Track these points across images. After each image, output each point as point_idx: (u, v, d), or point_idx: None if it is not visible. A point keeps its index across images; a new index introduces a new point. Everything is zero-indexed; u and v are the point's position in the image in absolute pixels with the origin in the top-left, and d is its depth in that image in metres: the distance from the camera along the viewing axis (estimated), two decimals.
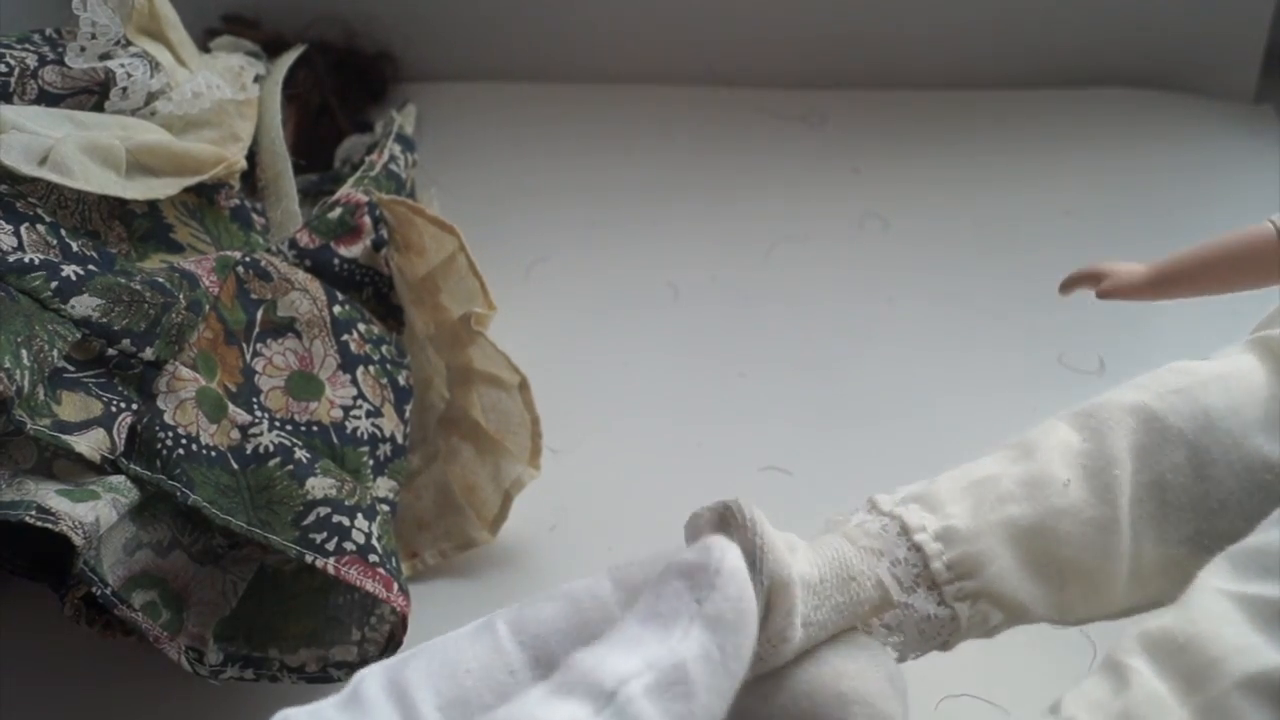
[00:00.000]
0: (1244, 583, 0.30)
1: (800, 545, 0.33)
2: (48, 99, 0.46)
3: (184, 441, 0.42)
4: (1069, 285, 0.43)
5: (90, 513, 0.38)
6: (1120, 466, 0.34)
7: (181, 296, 0.43)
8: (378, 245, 0.51)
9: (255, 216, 0.52)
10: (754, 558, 0.30)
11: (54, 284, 0.40)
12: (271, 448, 0.43)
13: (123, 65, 0.48)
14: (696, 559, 0.27)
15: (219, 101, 0.51)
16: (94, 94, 0.48)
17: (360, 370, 0.48)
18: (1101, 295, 0.42)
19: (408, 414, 0.49)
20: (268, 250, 0.49)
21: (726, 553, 0.27)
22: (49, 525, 0.37)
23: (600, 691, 0.25)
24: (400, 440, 0.48)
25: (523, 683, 0.29)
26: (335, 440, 0.46)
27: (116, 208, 0.47)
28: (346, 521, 0.42)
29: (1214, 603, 0.30)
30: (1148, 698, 0.29)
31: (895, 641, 0.33)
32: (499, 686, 0.29)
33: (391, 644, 0.41)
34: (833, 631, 0.32)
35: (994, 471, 0.35)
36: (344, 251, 0.50)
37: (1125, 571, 0.34)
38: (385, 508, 0.45)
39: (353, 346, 0.48)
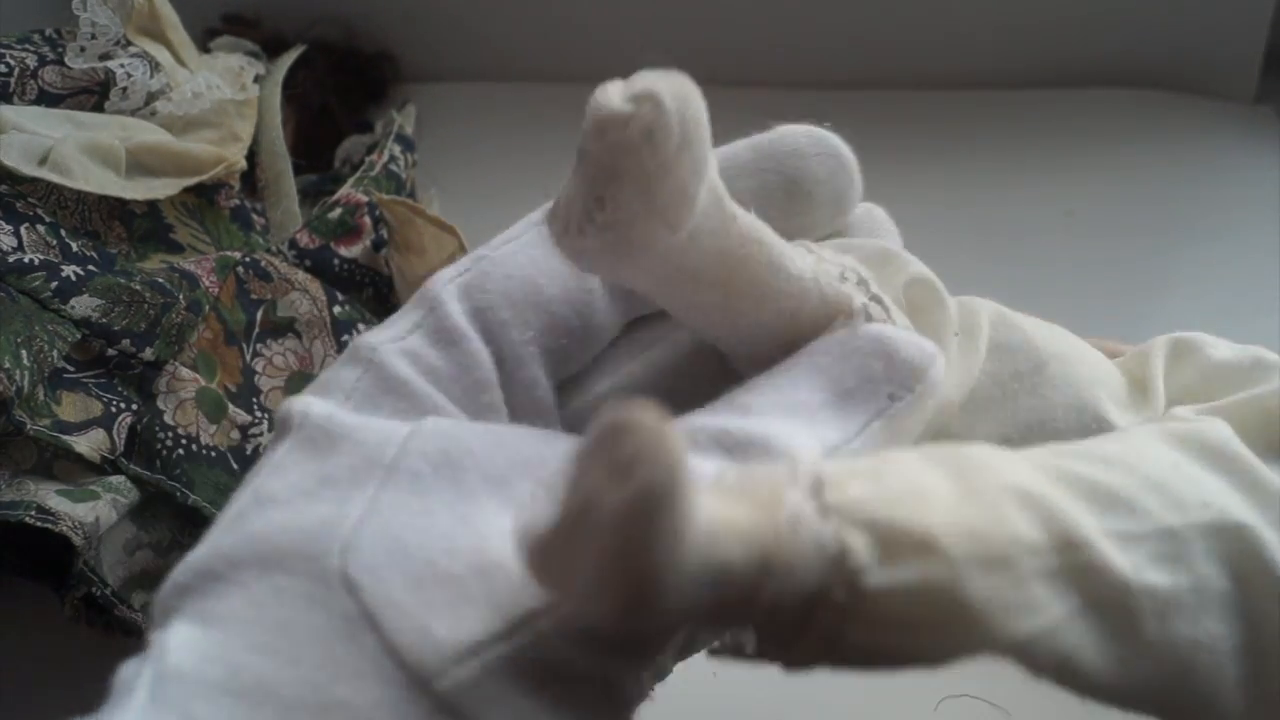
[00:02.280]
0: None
1: None
2: (48, 99, 0.47)
3: (184, 442, 0.42)
4: None
5: (90, 513, 0.38)
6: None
7: (181, 297, 0.43)
8: (378, 245, 0.51)
9: (255, 217, 0.52)
10: None
11: (54, 284, 0.40)
12: None
13: (123, 65, 0.48)
14: (909, 355, 0.24)
15: (219, 102, 0.51)
16: (94, 94, 0.48)
17: None
18: None
19: None
20: (268, 250, 0.49)
21: (939, 363, 0.25)
22: (49, 525, 0.37)
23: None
24: None
25: (600, 298, 0.27)
26: None
27: (116, 208, 0.47)
28: None
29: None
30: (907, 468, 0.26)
31: None
32: (582, 307, 0.27)
33: None
34: None
35: None
36: (344, 252, 0.50)
37: None
38: None
39: None
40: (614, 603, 0.19)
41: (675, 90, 0.24)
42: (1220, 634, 0.24)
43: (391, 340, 0.25)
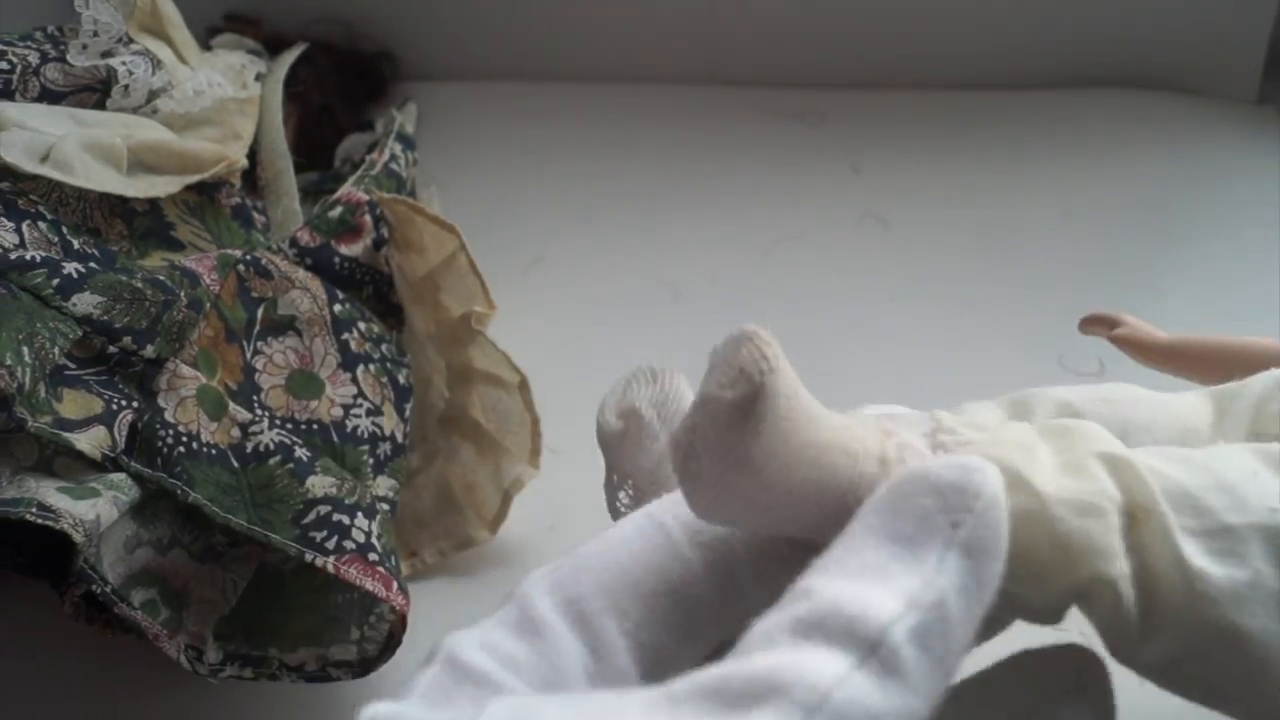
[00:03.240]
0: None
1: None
2: (49, 96, 0.47)
3: (184, 439, 0.42)
4: (1089, 323, 0.43)
5: (91, 510, 0.38)
6: None
7: (182, 294, 0.43)
8: (378, 244, 0.51)
9: (256, 215, 0.52)
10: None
11: (55, 281, 0.40)
12: (272, 446, 0.43)
13: (124, 63, 0.48)
14: (953, 477, 0.24)
15: (220, 100, 0.51)
16: (96, 92, 0.48)
17: (360, 369, 0.48)
18: (1114, 340, 0.42)
19: (408, 413, 0.49)
20: (268, 248, 0.49)
21: (988, 474, 0.24)
22: (49, 523, 0.37)
23: (861, 639, 0.22)
24: (400, 439, 0.48)
25: (705, 597, 0.27)
26: (335, 439, 0.46)
27: (118, 205, 0.47)
28: (346, 520, 0.42)
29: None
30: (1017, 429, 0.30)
31: None
32: (685, 603, 0.27)
33: (391, 643, 0.41)
34: None
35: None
36: (344, 250, 0.50)
37: None
38: (385, 506, 0.45)
39: (353, 345, 0.48)
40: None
41: (653, 397, 0.32)
42: None
43: (469, 635, 0.26)
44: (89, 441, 0.40)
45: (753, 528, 0.28)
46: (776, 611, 0.23)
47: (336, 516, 0.42)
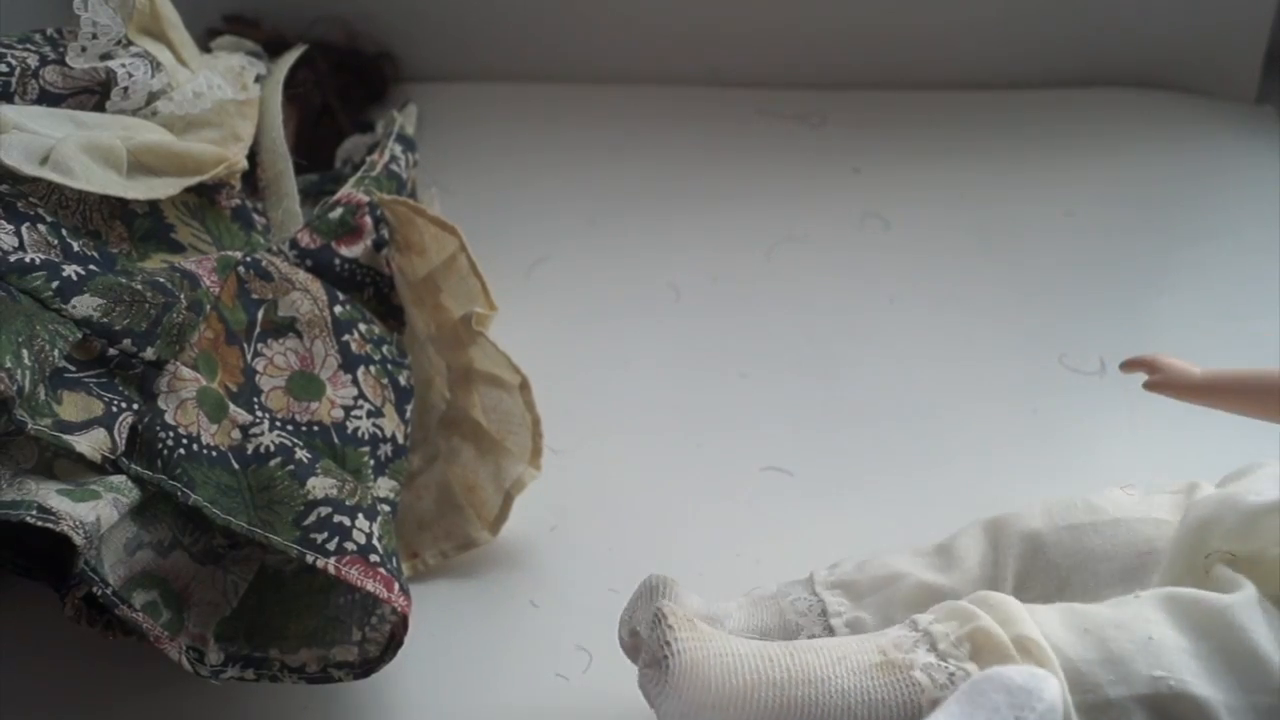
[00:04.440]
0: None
1: (733, 612, 0.40)
2: (49, 99, 0.47)
3: (185, 441, 0.42)
4: (1128, 366, 0.46)
5: (91, 512, 0.38)
6: (1005, 584, 0.40)
7: (182, 296, 0.43)
8: (379, 245, 0.51)
9: (256, 216, 0.52)
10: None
11: (55, 284, 0.40)
12: (272, 448, 0.43)
13: (124, 65, 0.48)
14: (1023, 681, 0.30)
15: (220, 101, 0.51)
16: (95, 94, 0.48)
17: (361, 370, 0.48)
18: (1148, 387, 0.44)
19: (408, 414, 0.49)
20: (269, 250, 0.49)
21: (1050, 683, 0.30)
22: (50, 525, 0.37)
23: None
24: (401, 440, 0.48)
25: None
26: (336, 440, 0.46)
27: (118, 208, 0.47)
28: (347, 521, 0.42)
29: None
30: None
31: None
32: None
33: (392, 644, 0.41)
34: None
35: (907, 571, 0.40)
36: (345, 251, 0.50)
37: None
38: (386, 508, 0.45)
39: (353, 346, 0.48)
40: None
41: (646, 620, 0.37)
42: None
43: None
44: (89, 444, 0.40)
45: None
46: None
47: (337, 518, 0.42)
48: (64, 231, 0.44)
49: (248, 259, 0.47)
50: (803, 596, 0.40)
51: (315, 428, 0.46)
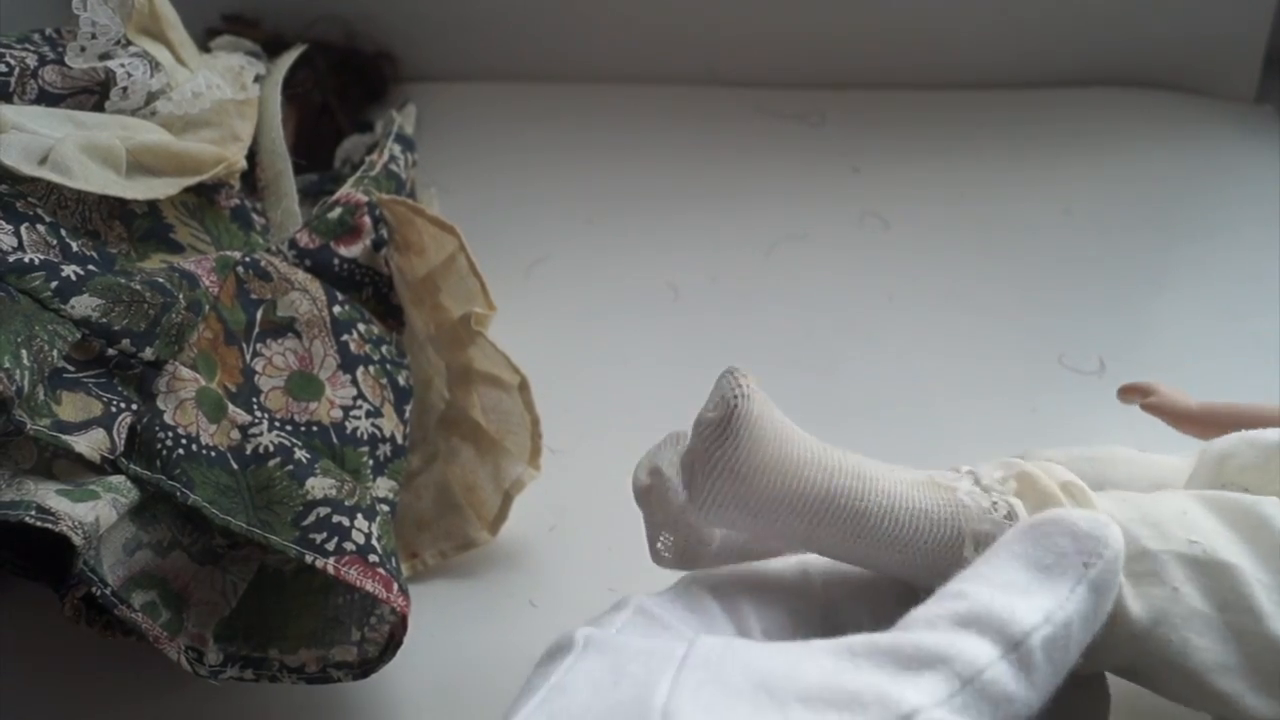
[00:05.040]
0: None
1: None
2: (48, 99, 0.46)
3: (184, 442, 0.42)
4: (1125, 392, 0.46)
5: (90, 513, 0.38)
6: None
7: (181, 296, 0.43)
8: (378, 245, 0.51)
9: (255, 216, 0.52)
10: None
11: (54, 284, 0.40)
12: (271, 448, 0.43)
13: (123, 65, 0.48)
14: (1088, 527, 0.29)
15: (219, 101, 0.51)
16: (94, 94, 0.48)
17: (360, 370, 0.48)
18: (1146, 408, 0.44)
19: (408, 414, 0.49)
20: (268, 250, 0.49)
21: (1115, 531, 0.30)
22: (49, 525, 0.37)
23: (1008, 637, 0.27)
24: (400, 440, 0.48)
25: (815, 617, 0.33)
26: (335, 440, 0.46)
27: (116, 208, 0.47)
28: (346, 522, 0.42)
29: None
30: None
31: None
32: (797, 618, 0.33)
33: (392, 644, 0.41)
34: None
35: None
36: (344, 251, 0.50)
37: None
38: (385, 508, 0.45)
39: (352, 346, 0.48)
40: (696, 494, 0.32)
41: (675, 457, 0.36)
42: (1208, 648, 0.31)
43: (647, 597, 0.33)
44: (88, 444, 0.40)
45: (754, 533, 0.35)
46: (935, 604, 0.28)
47: (336, 518, 0.42)
48: (63, 231, 0.44)
49: (247, 259, 0.47)
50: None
51: (314, 428, 0.46)
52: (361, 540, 0.41)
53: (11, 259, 0.40)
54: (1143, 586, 0.32)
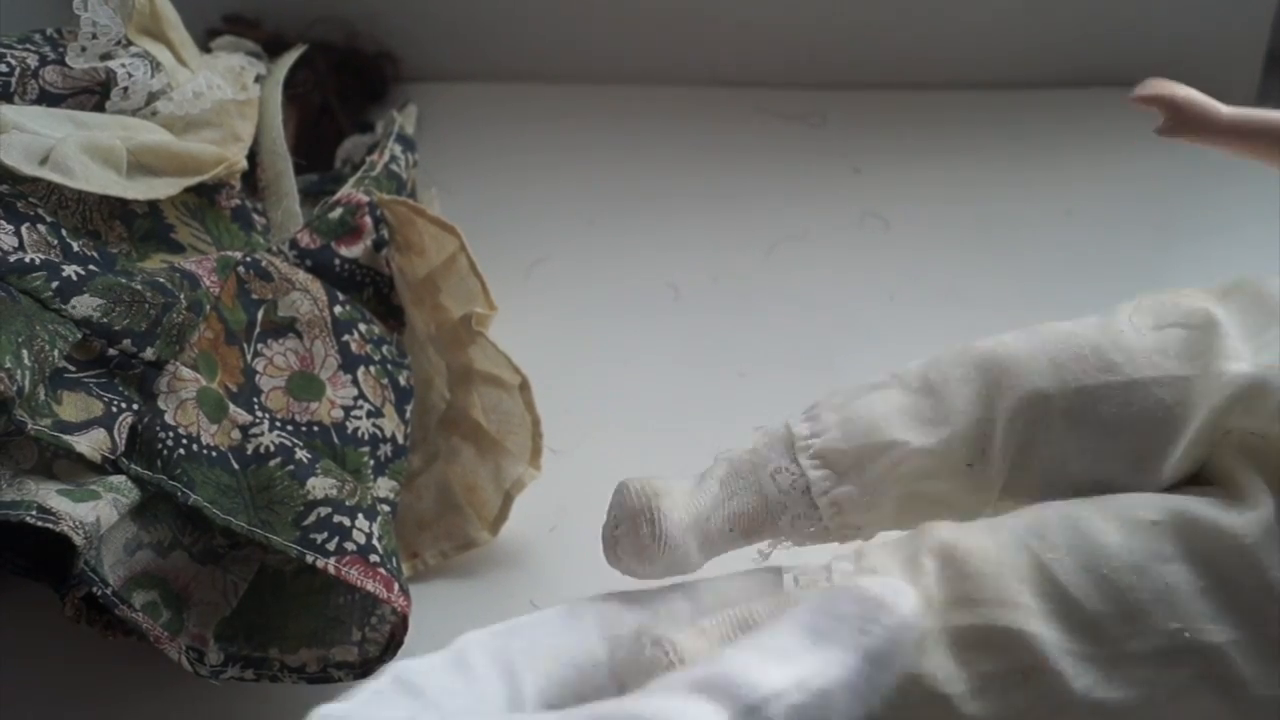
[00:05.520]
0: (1047, 550, 0.33)
1: (710, 503, 0.38)
2: (49, 99, 0.47)
3: (185, 442, 0.42)
4: (1138, 101, 0.42)
5: (91, 513, 0.38)
6: (997, 457, 0.36)
7: (182, 296, 0.43)
8: (378, 245, 0.51)
9: (256, 217, 0.52)
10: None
11: (55, 284, 0.40)
12: (272, 448, 0.43)
13: (123, 65, 0.48)
14: (875, 591, 0.27)
15: (220, 102, 0.51)
16: (95, 94, 0.48)
17: (361, 370, 0.48)
18: (1162, 132, 0.41)
19: (408, 414, 0.49)
20: (269, 250, 0.49)
21: (905, 596, 0.28)
22: (50, 525, 0.37)
23: (740, 702, 0.25)
24: (401, 440, 0.48)
25: (603, 677, 0.32)
26: (336, 440, 0.46)
27: (117, 208, 0.47)
28: (347, 522, 0.42)
29: (1015, 556, 0.33)
30: (921, 592, 0.32)
31: None
32: (585, 677, 0.32)
33: (392, 644, 0.41)
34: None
35: (897, 439, 0.37)
36: (345, 252, 0.50)
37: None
38: (386, 508, 0.45)
39: (353, 347, 0.48)
40: None
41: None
42: None
43: (416, 662, 0.31)
44: (89, 444, 0.40)
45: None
46: (688, 668, 0.27)
47: (337, 518, 0.42)
48: (64, 232, 0.44)
49: (247, 259, 0.47)
50: (784, 467, 0.37)
51: (315, 428, 0.46)
52: (362, 540, 0.41)
53: (12, 259, 0.40)
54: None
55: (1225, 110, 0.40)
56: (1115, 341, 0.36)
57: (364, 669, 0.41)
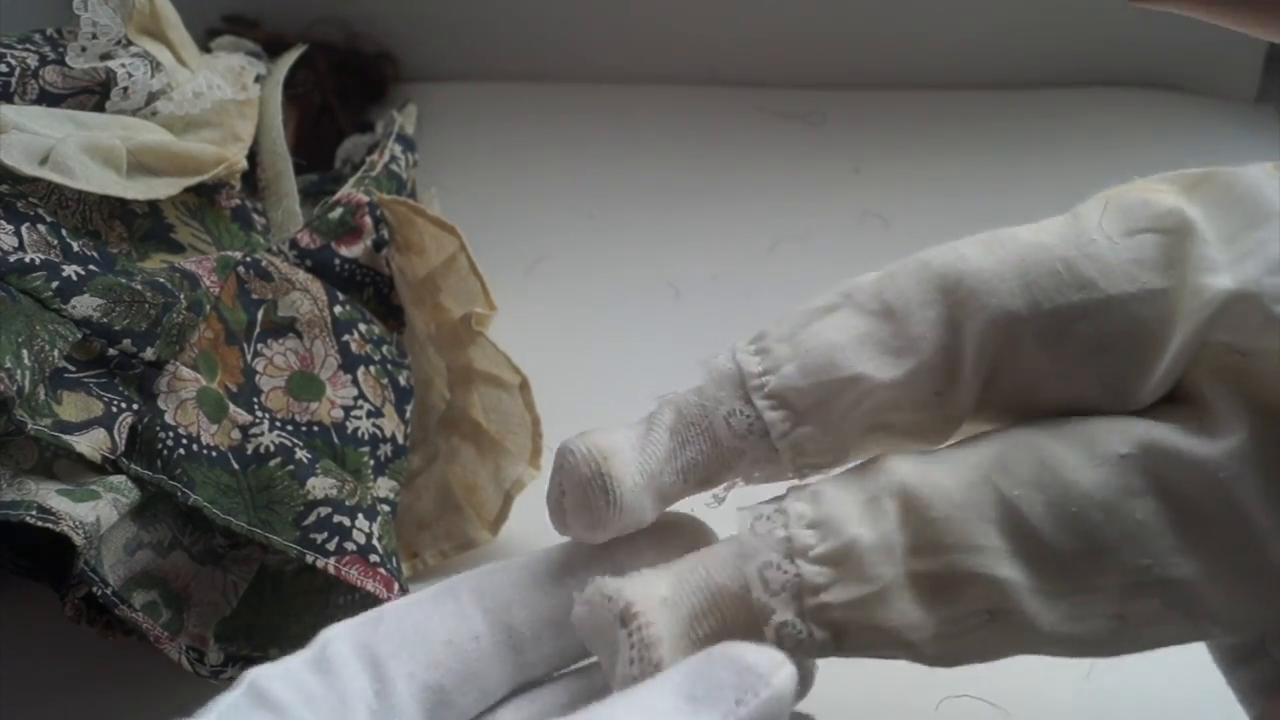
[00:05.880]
0: (1014, 486, 0.31)
1: (660, 451, 0.35)
2: (49, 99, 0.47)
3: (185, 441, 0.42)
4: None
5: (91, 513, 0.38)
6: (966, 381, 0.33)
7: (182, 296, 0.43)
8: (379, 245, 0.51)
9: (256, 216, 0.52)
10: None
11: (55, 284, 0.40)
12: (272, 448, 0.43)
13: (123, 65, 0.48)
14: (754, 660, 0.27)
15: (220, 102, 0.51)
16: (95, 94, 0.48)
17: (361, 370, 0.48)
18: (1139, 6, 0.39)
19: (408, 414, 0.49)
20: (269, 250, 0.49)
21: (784, 669, 0.27)
22: (50, 525, 0.37)
23: None
24: (401, 440, 0.48)
25: (484, 651, 0.31)
26: (336, 440, 0.46)
27: (117, 208, 0.47)
28: (347, 522, 0.42)
29: (979, 494, 0.31)
30: (882, 539, 0.31)
31: None
32: (465, 654, 0.30)
33: None
34: None
35: (858, 372, 0.34)
36: (345, 252, 0.50)
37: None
38: (386, 508, 0.45)
39: (353, 347, 0.48)
40: None
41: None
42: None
43: (273, 667, 0.29)
44: (89, 444, 0.40)
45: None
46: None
47: (337, 518, 0.42)
48: (64, 232, 0.44)
49: (248, 259, 0.47)
50: (737, 409, 0.34)
51: (315, 428, 0.46)
52: (362, 540, 0.41)
53: (12, 259, 0.40)
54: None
55: None
56: (1088, 253, 0.34)
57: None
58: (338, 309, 0.49)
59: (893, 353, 0.33)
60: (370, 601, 0.43)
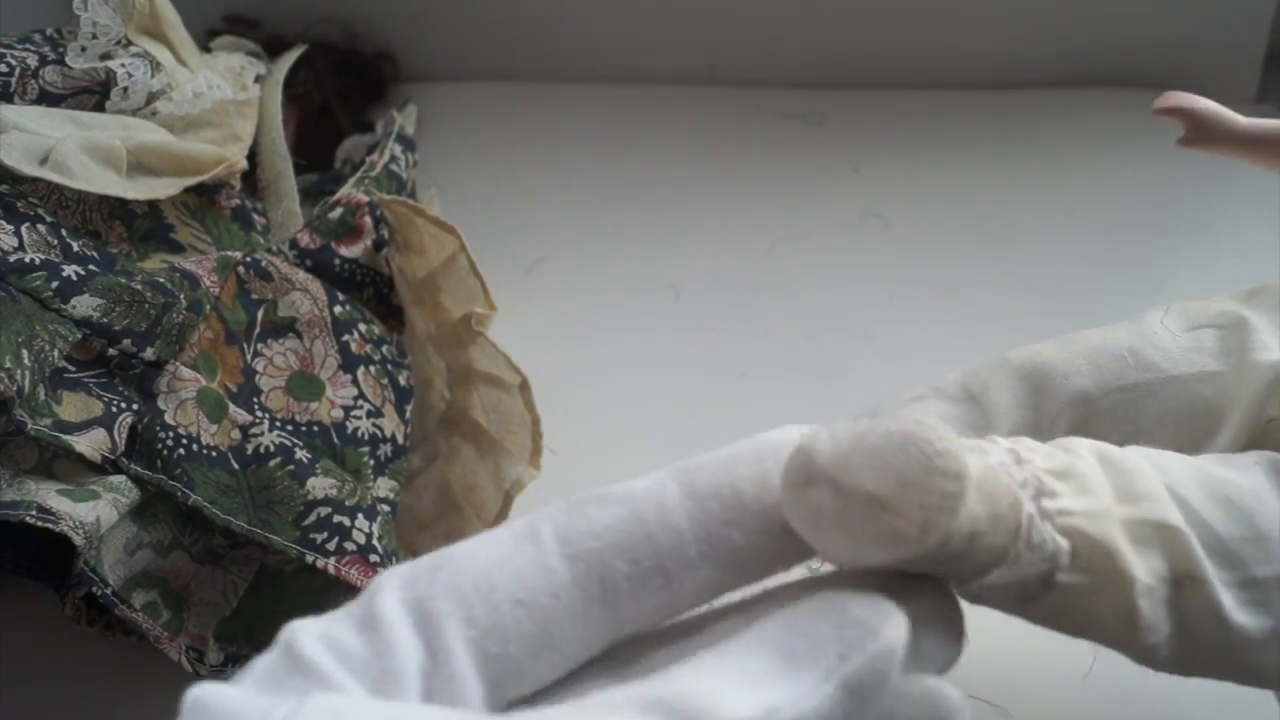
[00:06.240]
0: (1172, 476, 0.32)
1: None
2: (49, 99, 0.47)
3: (185, 441, 0.42)
4: (1162, 111, 0.42)
5: (91, 513, 0.38)
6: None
7: (182, 296, 0.43)
8: (378, 245, 0.51)
9: (256, 216, 0.52)
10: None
11: (55, 284, 0.40)
12: (272, 448, 0.43)
13: (123, 65, 0.48)
14: (859, 612, 0.24)
15: (220, 102, 0.51)
16: (95, 94, 0.48)
17: (361, 370, 0.48)
18: (1184, 144, 0.41)
19: (408, 414, 0.49)
20: (269, 250, 0.49)
21: (892, 622, 0.24)
22: (49, 525, 0.37)
23: None
24: (401, 440, 0.48)
25: (567, 610, 0.25)
26: (336, 440, 0.46)
27: (117, 208, 0.47)
28: (347, 522, 0.42)
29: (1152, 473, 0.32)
30: (1093, 472, 0.31)
31: None
32: (542, 613, 0.25)
33: None
34: None
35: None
36: (345, 252, 0.50)
37: None
38: (386, 508, 0.45)
39: (353, 347, 0.48)
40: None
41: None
42: None
43: (313, 624, 0.25)
44: (89, 444, 0.40)
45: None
46: (636, 683, 0.23)
47: (337, 518, 0.42)
48: (64, 232, 0.44)
49: (247, 259, 0.47)
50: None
51: (315, 428, 0.46)
52: (362, 540, 0.41)
53: (12, 259, 0.40)
54: (1254, 617, 0.30)
55: (1242, 121, 0.40)
56: (1151, 342, 0.37)
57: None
58: (338, 309, 0.49)
59: (977, 431, 0.36)
60: None
